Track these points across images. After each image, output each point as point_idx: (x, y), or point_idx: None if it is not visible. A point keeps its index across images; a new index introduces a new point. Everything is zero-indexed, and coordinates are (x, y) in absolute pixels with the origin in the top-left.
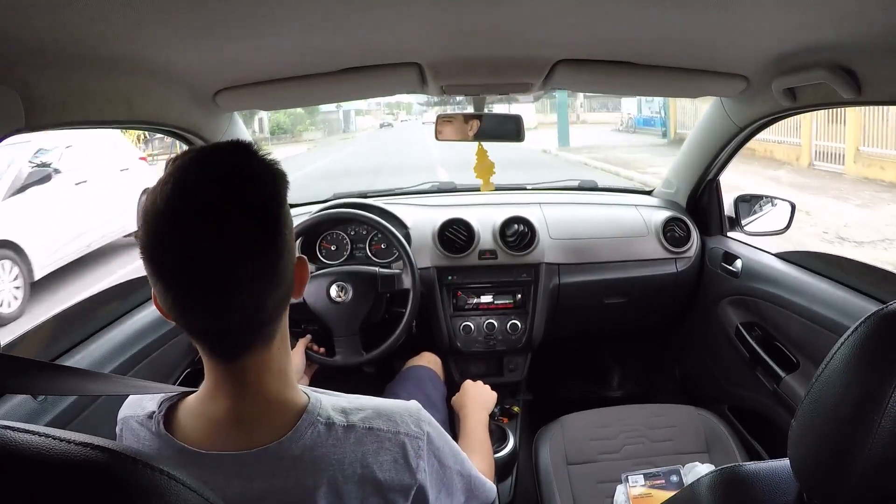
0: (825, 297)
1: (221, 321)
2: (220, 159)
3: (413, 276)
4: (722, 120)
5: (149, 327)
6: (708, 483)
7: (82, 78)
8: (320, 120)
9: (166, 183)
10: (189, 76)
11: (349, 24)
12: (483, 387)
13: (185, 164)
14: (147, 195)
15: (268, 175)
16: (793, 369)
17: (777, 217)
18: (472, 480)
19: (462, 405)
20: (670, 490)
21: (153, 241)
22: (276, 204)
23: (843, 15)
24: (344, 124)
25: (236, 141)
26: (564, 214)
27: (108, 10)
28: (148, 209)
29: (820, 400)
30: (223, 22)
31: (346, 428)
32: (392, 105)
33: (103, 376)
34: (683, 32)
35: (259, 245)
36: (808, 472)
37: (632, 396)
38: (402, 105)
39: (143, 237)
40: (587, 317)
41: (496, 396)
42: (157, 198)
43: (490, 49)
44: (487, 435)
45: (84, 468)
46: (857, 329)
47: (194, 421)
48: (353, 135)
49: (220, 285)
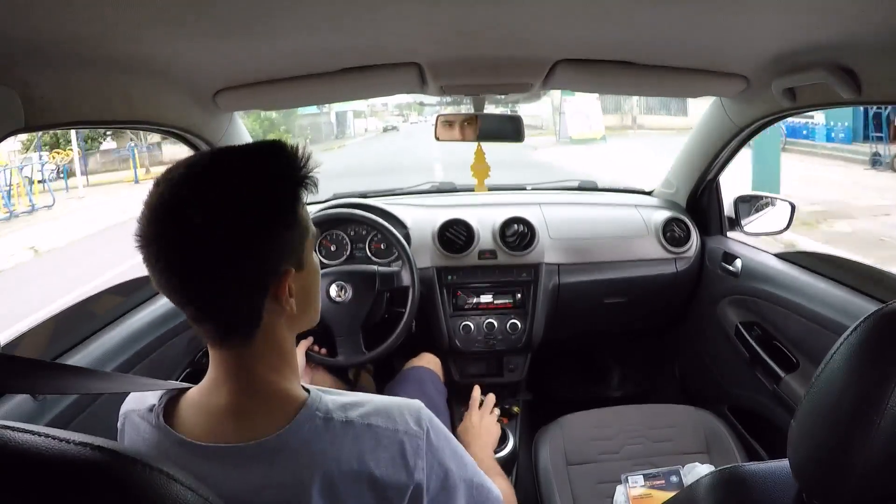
0: (825, 297)
1: (196, 313)
2: (228, 159)
3: (412, 273)
4: (722, 120)
5: (149, 326)
6: (707, 483)
7: (82, 78)
8: (305, 125)
9: (162, 176)
10: (189, 76)
11: (349, 24)
12: (487, 418)
13: (195, 158)
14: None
15: (262, 182)
16: (792, 369)
17: (777, 217)
18: (476, 486)
19: (467, 443)
20: (670, 490)
21: (142, 232)
22: (255, 209)
23: (842, 15)
24: (337, 128)
25: (263, 142)
26: (564, 214)
27: (108, 10)
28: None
29: (819, 400)
30: (223, 22)
31: (345, 423)
32: (402, 106)
33: (103, 374)
34: (683, 32)
35: (220, 250)
36: (807, 473)
37: (631, 396)
38: (413, 106)
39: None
40: (587, 317)
41: (499, 429)
42: (156, 185)
43: (490, 49)
44: (494, 461)
45: (83, 468)
46: (857, 329)
47: (194, 413)
48: (347, 141)
49: (178, 282)
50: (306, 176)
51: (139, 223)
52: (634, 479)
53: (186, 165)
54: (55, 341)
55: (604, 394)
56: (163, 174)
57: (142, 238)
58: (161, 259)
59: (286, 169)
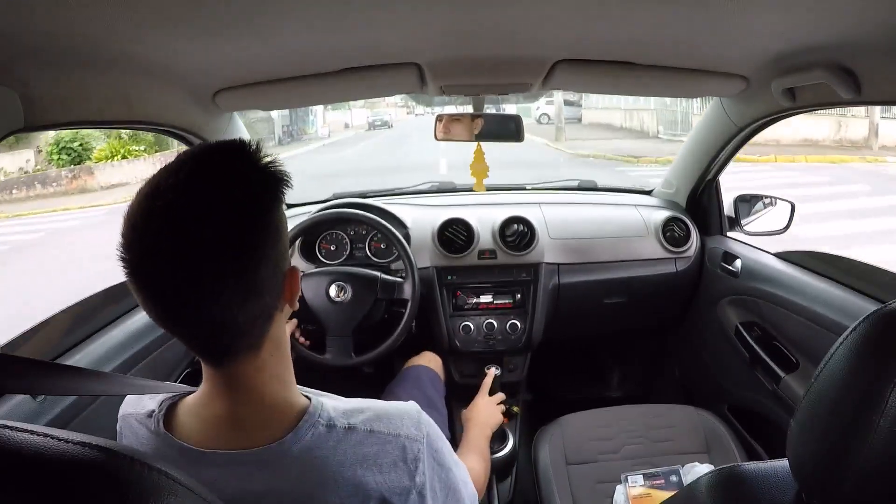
0: (825, 297)
1: (189, 331)
2: (205, 160)
3: (413, 284)
4: (721, 120)
5: (148, 327)
6: (707, 483)
7: (81, 78)
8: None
9: (147, 182)
10: (188, 76)
11: (348, 24)
12: (493, 406)
13: (171, 164)
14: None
15: (248, 181)
16: (792, 369)
17: (777, 217)
18: (464, 482)
19: (468, 419)
20: (670, 490)
21: (123, 240)
22: (250, 212)
23: (842, 15)
24: (292, 126)
25: (229, 141)
26: (564, 214)
27: (108, 10)
28: (127, 208)
29: (818, 400)
30: (223, 22)
31: (348, 430)
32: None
33: (103, 375)
34: (683, 32)
35: (221, 256)
36: (806, 472)
37: (631, 396)
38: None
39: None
40: (586, 317)
41: (501, 419)
42: (134, 196)
43: (489, 49)
44: (487, 445)
45: (82, 467)
46: (856, 328)
47: (194, 420)
48: (300, 148)
49: (174, 296)
50: (275, 168)
51: (125, 252)
52: (634, 479)
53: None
54: (55, 341)
55: (603, 394)
56: (142, 186)
57: (139, 274)
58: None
59: (256, 160)
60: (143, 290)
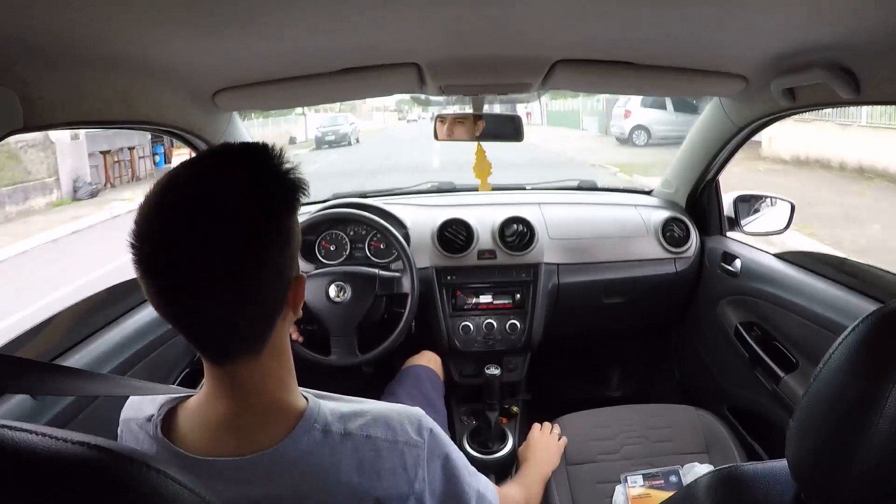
0: (824, 297)
1: (188, 325)
2: (226, 160)
3: (412, 279)
4: (721, 120)
5: (148, 327)
6: (706, 483)
7: (81, 78)
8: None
9: (167, 174)
10: (188, 76)
11: (348, 24)
12: (553, 441)
13: (192, 159)
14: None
15: (263, 184)
16: (792, 369)
17: (776, 217)
18: (479, 495)
19: (525, 459)
20: (669, 490)
21: (135, 227)
22: (259, 216)
23: (842, 15)
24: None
25: (253, 144)
26: (564, 214)
27: (108, 10)
28: (143, 198)
29: (817, 400)
30: (223, 22)
31: (344, 435)
32: (401, 101)
33: (102, 377)
34: (683, 32)
35: (223, 255)
36: (805, 473)
37: (631, 396)
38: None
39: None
40: (586, 317)
41: (562, 451)
42: (152, 187)
43: (489, 49)
44: (541, 489)
45: (82, 467)
46: (856, 329)
47: (192, 425)
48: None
49: (175, 288)
50: (294, 175)
51: (135, 239)
52: (634, 479)
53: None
54: (55, 341)
55: (603, 394)
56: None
57: (146, 262)
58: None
59: (278, 168)
60: (147, 278)
